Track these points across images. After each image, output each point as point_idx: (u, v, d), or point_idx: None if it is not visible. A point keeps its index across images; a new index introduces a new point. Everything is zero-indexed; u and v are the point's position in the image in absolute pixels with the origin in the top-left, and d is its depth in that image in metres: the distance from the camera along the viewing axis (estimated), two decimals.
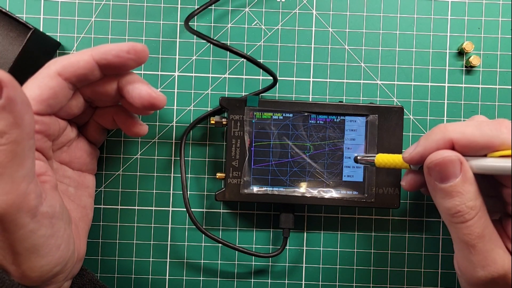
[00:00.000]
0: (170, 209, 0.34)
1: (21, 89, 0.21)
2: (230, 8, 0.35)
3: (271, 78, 0.32)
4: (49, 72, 0.25)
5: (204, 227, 0.34)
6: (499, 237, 0.26)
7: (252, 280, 0.34)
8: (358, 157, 0.30)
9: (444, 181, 0.25)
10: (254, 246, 0.34)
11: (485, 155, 0.25)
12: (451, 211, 0.26)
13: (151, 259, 0.34)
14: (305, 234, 0.35)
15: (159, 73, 0.34)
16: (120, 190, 0.34)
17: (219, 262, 0.34)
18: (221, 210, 0.35)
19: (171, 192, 0.34)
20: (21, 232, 0.22)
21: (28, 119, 0.21)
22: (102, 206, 0.34)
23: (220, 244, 0.34)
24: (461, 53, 0.35)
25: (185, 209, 0.34)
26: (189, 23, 0.33)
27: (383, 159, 0.29)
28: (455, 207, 0.25)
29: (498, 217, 0.28)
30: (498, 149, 0.25)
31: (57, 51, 0.34)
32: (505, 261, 0.25)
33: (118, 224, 0.34)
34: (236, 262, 0.35)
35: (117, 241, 0.34)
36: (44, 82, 0.25)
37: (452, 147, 0.26)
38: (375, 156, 0.29)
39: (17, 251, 0.23)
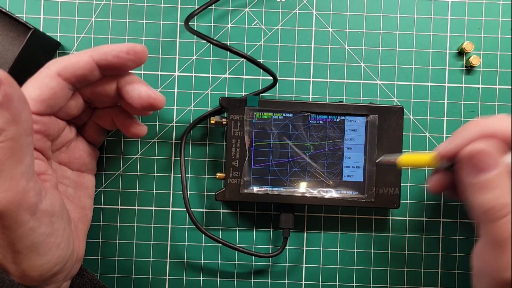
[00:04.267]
0: (170, 209, 0.34)
1: (18, 86, 0.21)
2: (230, 8, 0.35)
3: (271, 78, 0.32)
4: (49, 73, 0.25)
5: (204, 227, 0.34)
6: None
7: (252, 280, 0.34)
8: (381, 160, 0.30)
9: (479, 174, 0.24)
10: (254, 246, 0.34)
11: None
12: (485, 207, 0.24)
13: (151, 259, 0.34)
14: (305, 234, 0.35)
15: (159, 73, 0.34)
16: (120, 190, 0.34)
17: (219, 262, 0.34)
18: (221, 210, 0.35)
19: (171, 192, 0.34)
20: (21, 230, 0.22)
21: (26, 116, 0.21)
22: (102, 206, 0.34)
23: (220, 244, 0.34)
24: (461, 53, 0.35)
25: (185, 209, 0.34)
26: (189, 23, 0.33)
27: (407, 159, 0.28)
28: (490, 203, 0.24)
29: None
30: None
31: (57, 51, 0.34)
32: None
33: (118, 224, 0.34)
34: (236, 262, 0.35)
35: (117, 241, 0.34)
36: (44, 83, 0.25)
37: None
38: (397, 157, 0.29)
39: (17, 249, 0.23)
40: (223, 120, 0.32)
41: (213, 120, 0.32)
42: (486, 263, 0.26)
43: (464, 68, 0.35)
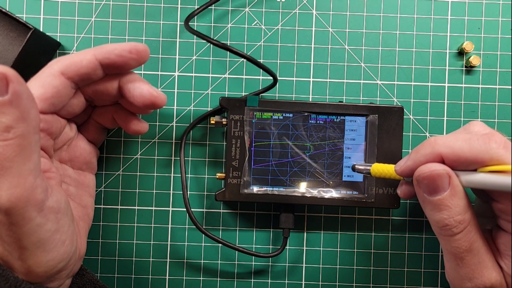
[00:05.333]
0: (170, 209, 0.34)
1: (26, 84, 0.21)
2: (230, 8, 0.35)
3: (271, 78, 0.32)
4: (52, 71, 0.26)
5: (204, 227, 0.34)
6: (489, 250, 0.26)
7: (252, 280, 0.34)
8: (356, 166, 0.30)
9: (432, 194, 0.26)
10: (254, 246, 0.34)
11: (475, 170, 0.25)
12: (439, 224, 0.26)
13: (151, 259, 0.34)
14: (305, 234, 0.35)
15: (159, 73, 0.34)
16: (120, 190, 0.34)
17: (219, 262, 0.34)
18: (221, 210, 0.35)
19: (171, 192, 0.34)
20: (28, 226, 0.23)
21: (34, 113, 0.22)
22: (102, 206, 0.34)
23: (220, 244, 0.34)
24: (461, 53, 0.35)
25: (185, 209, 0.34)
26: (189, 23, 0.33)
27: (378, 169, 0.29)
28: (443, 221, 0.25)
29: (491, 227, 0.28)
30: (487, 164, 0.25)
31: (57, 51, 0.34)
32: (492, 274, 0.26)
33: (118, 224, 0.34)
34: (236, 262, 0.35)
35: (117, 241, 0.34)
36: (47, 81, 0.25)
37: (442, 161, 0.26)
38: (371, 165, 0.29)
39: (23, 245, 0.23)
40: (223, 120, 0.32)
41: (213, 120, 0.32)
42: (449, 273, 0.27)
43: (464, 68, 0.35)
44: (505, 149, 0.24)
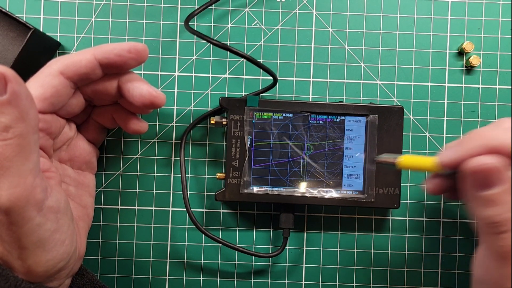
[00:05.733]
0: (170, 209, 0.34)
1: (24, 84, 0.21)
2: (230, 8, 0.35)
3: (271, 78, 0.32)
4: (51, 71, 0.26)
5: (204, 227, 0.34)
6: None
7: (252, 280, 0.34)
8: (379, 159, 0.29)
9: (485, 189, 0.24)
10: (254, 246, 0.34)
11: None
12: (489, 221, 0.24)
13: (151, 259, 0.34)
14: (305, 234, 0.35)
15: (159, 73, 0.34)
16: (120, 190, 0.34)
17: (219, 262, 0.34)
18: (221, 210, 0.35)
19: (171, 192, 0.34)
20: (28, 226, 0.23)
21: (33, 113, 0.22)
22: (102, 206, 0.34)
23: (220, 244, 0.34)
24: (461, 53, 0.35)
25: (185, 209, 0.34)
26: (189, 23, 0.33)
27: (409, 160, 0.27)
28: (494, 217, 0.24)
29: None
30: None
31: (57, 51, 0.34)
32: None
33: (118, 224, 0.34)
34: (236, 262, 0.35)
35: (117, 241, 0.34)
36: (46, 81, 0.25)
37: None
38: (397, 157, 0.28)
39: (23, 245, 0.23)
40: (223, 120, 0.32)
41: (213, 120, 0.32)
42: (488, 272, 0.26)
43: (464, 68, 0.35)
44: None
